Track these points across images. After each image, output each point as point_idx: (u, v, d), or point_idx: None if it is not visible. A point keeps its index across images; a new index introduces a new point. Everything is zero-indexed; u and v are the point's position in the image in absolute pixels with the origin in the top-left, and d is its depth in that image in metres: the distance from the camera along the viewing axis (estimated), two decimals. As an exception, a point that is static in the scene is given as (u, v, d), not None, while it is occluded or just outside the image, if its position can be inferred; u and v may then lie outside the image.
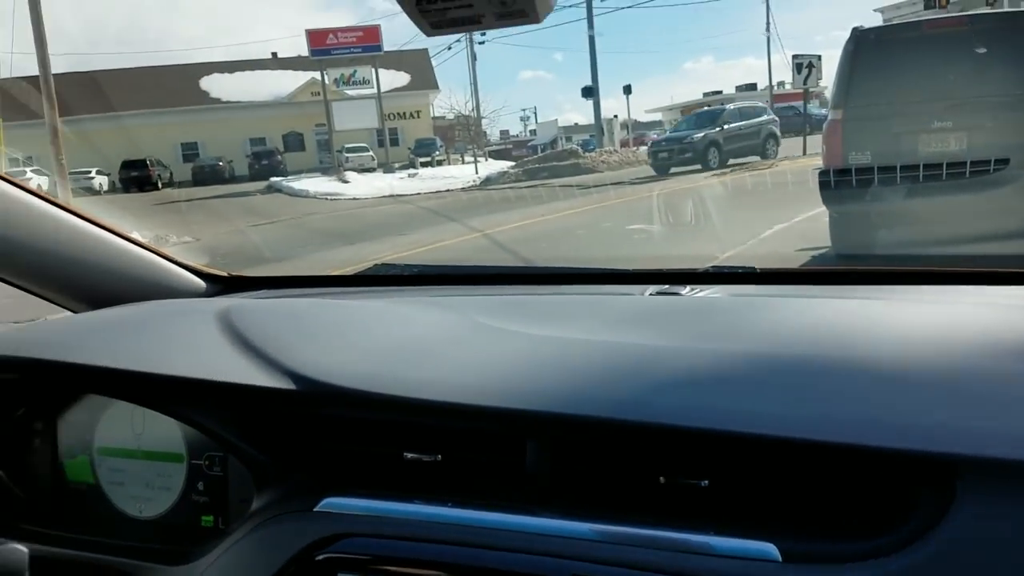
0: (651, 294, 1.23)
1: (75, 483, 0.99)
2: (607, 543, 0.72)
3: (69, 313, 1.32)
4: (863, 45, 5.75)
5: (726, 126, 18.07)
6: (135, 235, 1.44)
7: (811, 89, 19.42)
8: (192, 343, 0.94)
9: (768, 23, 39.42)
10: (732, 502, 0.75)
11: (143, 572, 0.86)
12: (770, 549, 0.68)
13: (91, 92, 29.58)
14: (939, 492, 0.66)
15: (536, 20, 0.71)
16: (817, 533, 0.70)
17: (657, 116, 47.74)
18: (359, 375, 0.84)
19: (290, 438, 0.85)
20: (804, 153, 16.60)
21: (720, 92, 43.57)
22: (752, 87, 43.91)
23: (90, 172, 27.78)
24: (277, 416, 0.85)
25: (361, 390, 0.81)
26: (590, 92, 27.29)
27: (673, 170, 17.45)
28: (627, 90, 32.88)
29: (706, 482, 0.75)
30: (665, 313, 1.11)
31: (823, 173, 5.78)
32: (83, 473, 0.99)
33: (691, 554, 0.70)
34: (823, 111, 16.06)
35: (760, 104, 21.01)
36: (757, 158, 17.85)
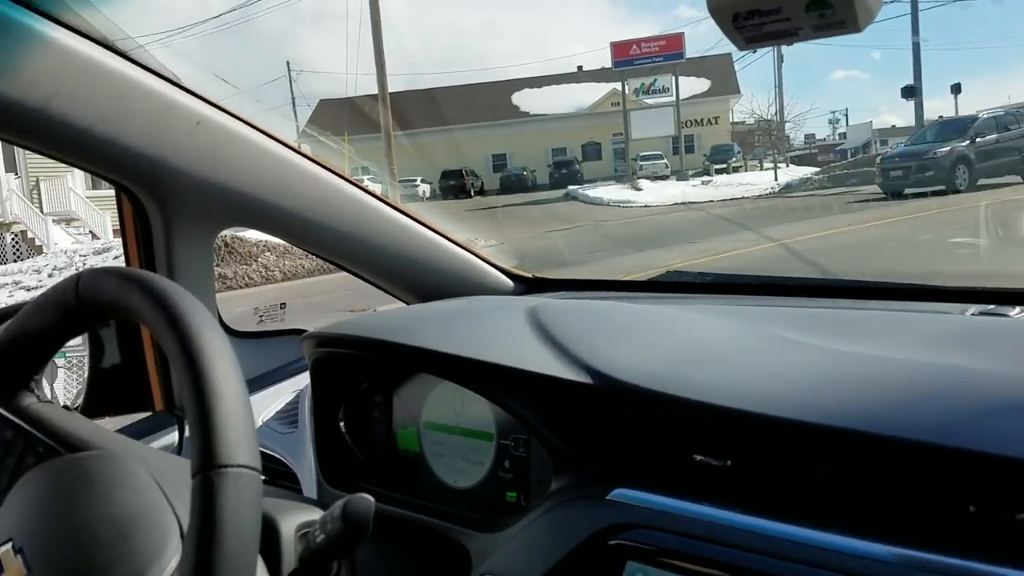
0: (972, 314, 1.14)
1: (404, 451, 1.14)
2: (908, 567, 0.69)
3: (402, 304, 1.53)
4: None
5: (980, 139, 14.44)
6: (453, 235, 1.62)
7: None
8: (506, 335, 1.05)
9: None
10: None
11: (454, 534, 0.97)
12: None
13: (421, 108, 32.89)
14: None
15: (856, 30, 0.69)
16: None
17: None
18: (654, 375, 0.88)
19: (587, 429, 0.92)
20: None
21: (1076, 87, 37.43)
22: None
23: (415, 180, 30.91)
24: (576, 407, 0.92)
25: (656, 390, 0.85)
26: (912, 92, 24.89)
27: (908, 191, 14.03)
28: (955, 89, 29.51)
29: None
30: (990, 336, 1.02)
31: None
32: (411, 443, 1.13)
33: None
34: None
35: None
36: (1019, 178, 14.02)
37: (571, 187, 26.55)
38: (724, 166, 28.95)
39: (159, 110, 1.15)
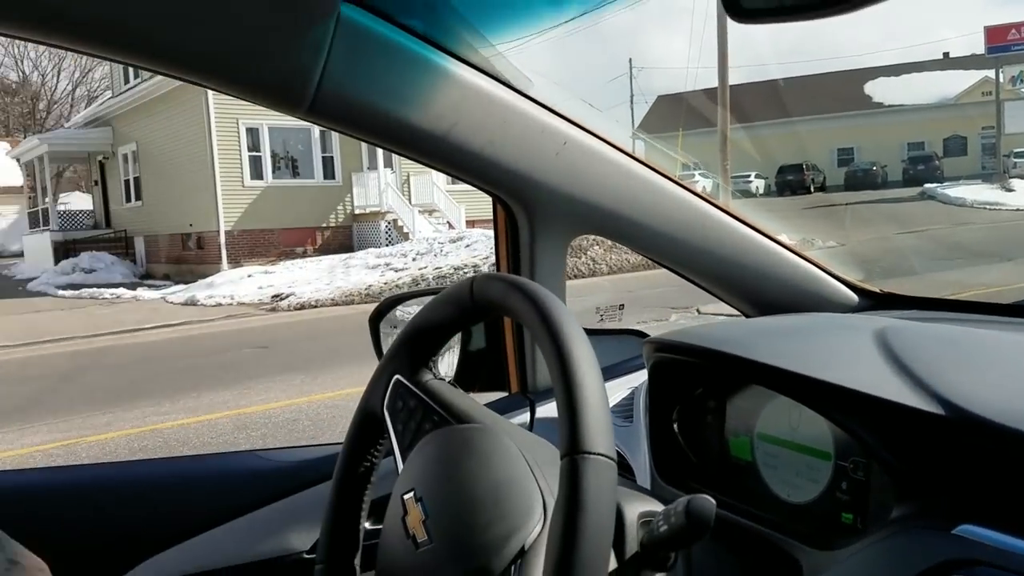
0: None
1: (736, 459, 1.18)
2: None
3: (741, 316, 1.56)
4: None
5: None
6: (788, 241, 1.61)
7: None
8: (850, 356, 1.04)
9: None
10: None
11: (787, 546, 0.99)
12: None
13: (761, 101, 31.84)
14: None
15: None
16: None
17: None
18: (1012, 412, 0.83)
19: (935, 460, 0.89)
20: None
21: None
22: None
23: (748, 176, 29.98)
24: (924, 437, 0.90)
25: (1012, 427, 0.81)
26: None
27: None
28: None
29: None
30: None
31: None
32: (743, 451, 1.17)
33: None
34: None
35: None
36: None
37: (928, 185, 23.95)
38: None
39: (533, 133, 1.31)
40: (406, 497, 0.88)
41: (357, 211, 21.24)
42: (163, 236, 22.21)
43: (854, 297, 1.60)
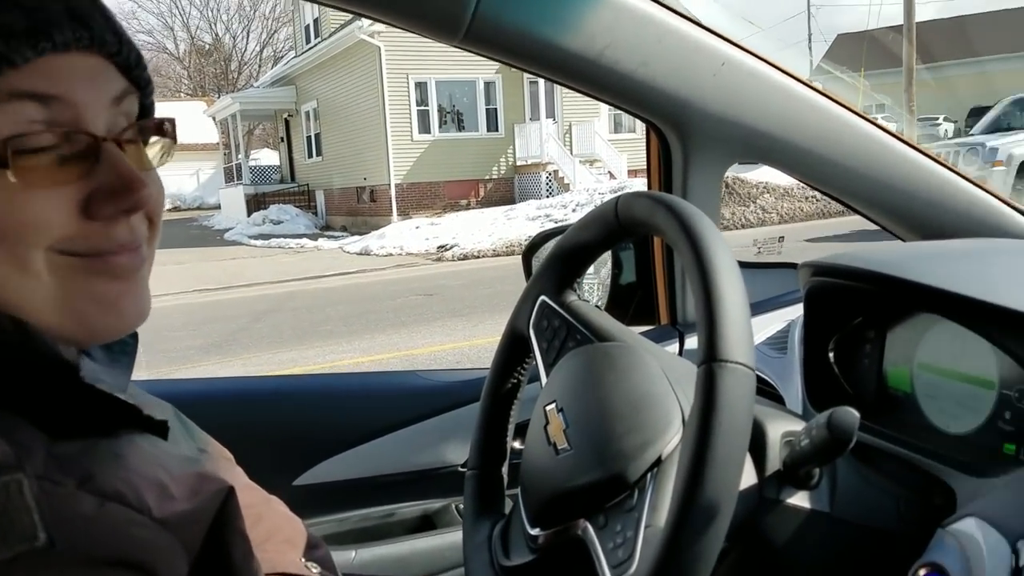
0: None
1: (894, 390, 1.13)
2: None
3: (898, 241, 1.47)
4: None
5: None
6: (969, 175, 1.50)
7: None
8: (1019, 278, 0.97)
9: None
10: None
11: (940, 473, 0.95)
12: None
13: (951, 38, 29.07)
14: None
15: None
16: None
17: None
18: None
19: None
20: None
21: None
22: None
23: (937, 119, 27.62)
24: None
25: None
26: None
27: None
28: None
29: None
30: None
31: None
32: (902, 382, 1.12)
33: None
34: None
35: None
36: None
37: None
38: None
39: (688, 53, 1.28)
40: (548, 408, 0.92)
41: (519, 163, 21.44)
42: (340, 189, 23.43)
43: None
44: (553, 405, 0.92)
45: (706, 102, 1.32)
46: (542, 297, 1.03)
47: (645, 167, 1.54)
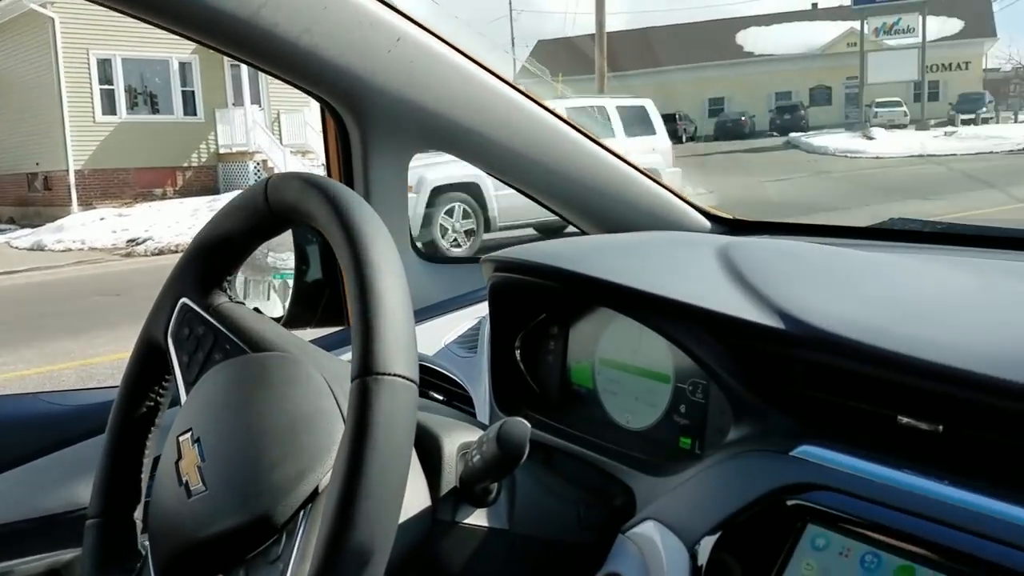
0: None
1: (577, 386, 1.11)
2: None
3: (583, 235, 1.48)
4: None
5: None
6: (652, 172, 1.55)
7: None
8: (689, 271, 0.97)
9: None
10: None
11: (621, 473, 0.93)
12: None
13: (636, 48, 32.24)
14: None
15: None
16: None
17: None
18: (855, 324, 0.78)
19: (775, 378, 0.83)
20: None
21: None
22: None
23: (624, 123, 30.48)
24: (764, 354, 0.84)
25: (856, 340, 0.75)
26: None
27: None
28: None
29: None
30: None
31: None
32: (584, 379, 1.10)
33: None
34: None
35: None
36: None
37: (793, 135, 25.03)
38: (972, 117, 26.09)
39: (361, 24, 1.16)
40: (181, 439, 0.75)
41: (222, 150, 20.20)
42: (7, 176, 20.55)
43: (706, 223, 1.56)
44: (188, 434, 0.75)
45: (382, 81, 1.21)
46: (183, 300, 0.86)
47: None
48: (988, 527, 0.63)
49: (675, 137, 29.86)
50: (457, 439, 0.81)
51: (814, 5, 38.83)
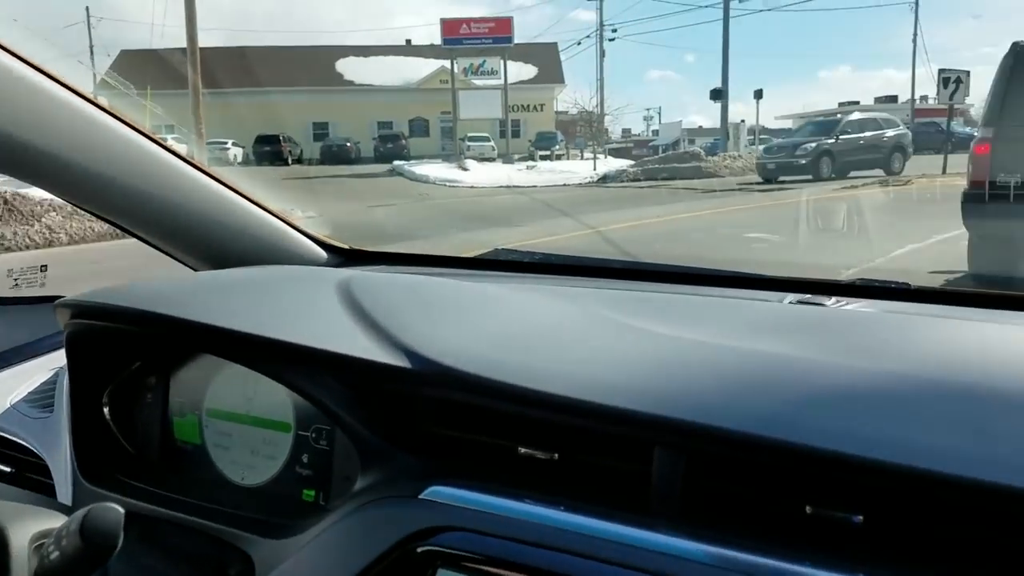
0: (791, 302, 1.13)
1: (182, 443, 0.98)
2: (736, 572, 0.64)
3: (190, 271, 1.33)
4: (1023, 61, 5.34)
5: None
6: (264, 200, 1.44)
7: (956, 106, 18.03)
8: (308, 310, 0.91)
9: (915, 33, 37.13)
10: (888, 544, 0.65)
11: (239, 540, 0.83)
12: None
13: (236, 67, 31.09)
14: None
15: None
16: None
17: (788, 124, 46.00)
18: (478, 359, 0.79)
19: (401, 418, 0.81)
20: (944, 172, 15.60)
21: (857, 103, 41.55)
22: (892, 99, 41.71)
23: (226, 143, 29.22)
24: (389, 394, 0.81)
25: (480, 375, 0.76)
26: (719, 95, 26.58)
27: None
28: (758, 95, 31.79)
29: (860, 518, 0.66)
30: (808, 324, 1.01)
31: (967, 193, 5.42)
32: (191, 434, 0.98)
33: None
34: (967, 129, 14.98)
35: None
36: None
37: (397, 162, 26.11)
38: (548, 153, 29.65)
39: None
40: None
41: None
42: None
43: (322, 253, 1.50)
44: None
45: None
46: None
47: None
48: (598, 549, 0.67)
49: (280, 158, 29.44)
50: (30, 528, 0.66)
51: (408, 42, 41.15)
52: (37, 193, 14.27)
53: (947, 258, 6.01)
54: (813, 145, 17.08)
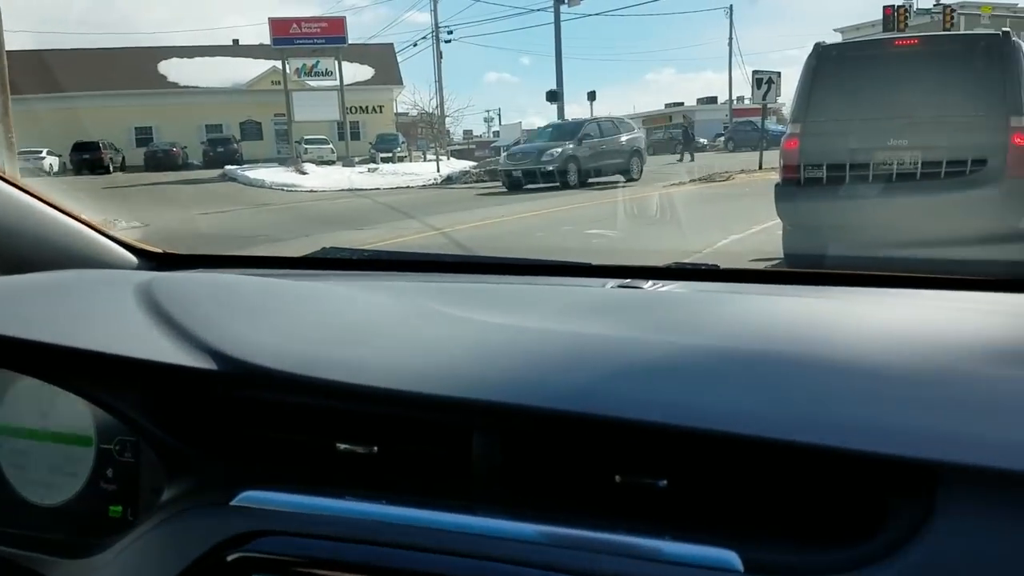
0: (612, 287, 1.18)
1: None
2: (554, 547, 0.65)
3: None
4: (825, 60, 5.83)
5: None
6: (64, 203, 1.34)
7: (769, 105, 19.38)
8: (105, 315, 0.85)
9: (731, 37, 39.67)
10: (693, 505, 0.69)
11: (41, 565, 0.77)
12: (731, 557, 0.63)
13: (44, 71, 28.79)
14: (918, 501, 0.61)
15: None
16: (783, 542, 0.65)
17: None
18: (288, 355, 0.76)
19: (208, 423, 0.77)
20: (760, 168, 16.75)
21: (682, 104, 43.91)
22: (712, 100, 44.37)
23: (41, 152, 27.07)
24: (195, 398, 0.77)
25: (289, 372, 0.74)
26: (554, 96, 27.31)
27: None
28: (591, 96, 32.88)
29: (664, 482, 0.69)
30: (624, 305, 1.05)
31: (779, 186, 5.84)
32: None
33: (644, 560, 0.64)
34: (780, 127, 16.15)
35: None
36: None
37: (229, 167, 25.00)
38: (390, 155, 29.35)
39: None
40: None
41: None
42: None
43: (132, 258, 1.41)
44: None
45: None
46: None
47: None
48: (420, 539, 0.66)
49: (101, 166, 27.52)
50: None
51: (235, 42, 39.57)
52: None
53: (766, 247, 6.45)
54: (559, 151, 16.24)
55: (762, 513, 0.68)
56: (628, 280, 1.21)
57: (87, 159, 28.00)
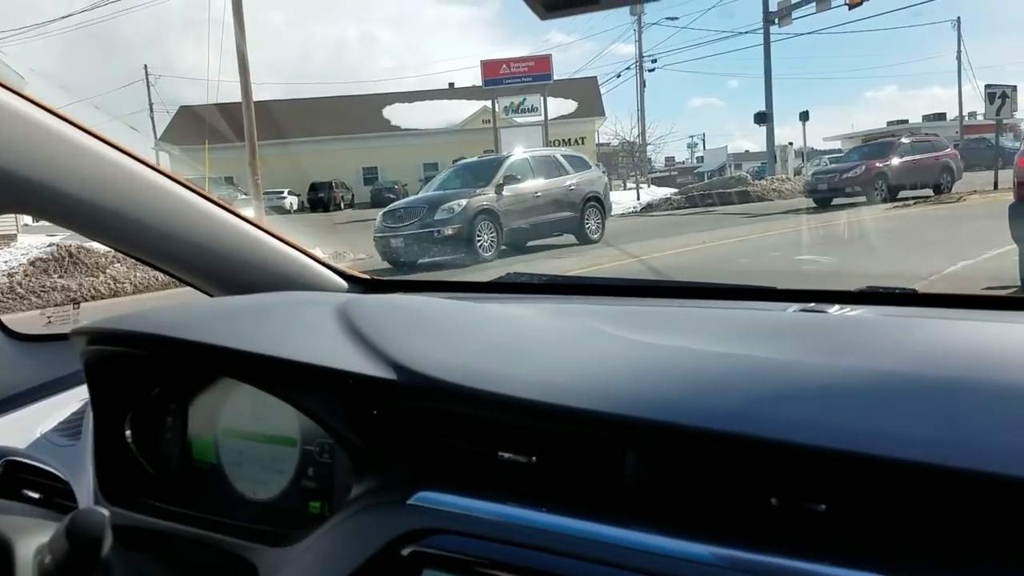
0: (794, 311, 1.14)
1: (200, 462, 1.03)
2: (710, 565, 0.65)
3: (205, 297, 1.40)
4: None
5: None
6: (290, 237, 1.51)
7: (1004, 121, 17.63)
8: (308, 331, 0.96)
9: (959, 50, 36.53)
10: (852, 530, 0.66)
11: (243, 550, 0.87)
12: None
13: (289, 118, 32.09)
14: None
15: None
16: (942, 569, 0.60)
17: (836, 144, 45.39)
18: (459, 369, 0.82)
19: (391, 429, 0.84)
20: (995, 188, 15.23)
21: (906, 121, 40.91)
22: (940, 116, 40.98)
23: (282, 192, 30.07)
24: (378, 406, 0.85)
25: (458, 384, 0.79)
26: (763, 118, 26.42)
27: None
28: (804, 117, 31.46)
29: (824, 507, 0.67)
30: (804, 329, 1.02)
31: (1014, 206, 5.30)
32: (208, 453, 1.02)
33: None
34: (1017, 144, 14.66)
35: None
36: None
37: (442, 201, 26.47)
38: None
39: None
40: None
41: None
42: None
43: (342, 283, 1.55)
44: None
45: None
46: None
47: None
48: (574, 547, 0.69)
49: (334, 204, 30.12)
50: (34, 541, 0.70)
51: (451, 85, 42.01)
52: (101, 246, 14.81)
53: (1002, 274, 5.85)
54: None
55: (923, 541, 0.63)
56: (812, 304, 1.16)
57: (321, 197, 30.79)
